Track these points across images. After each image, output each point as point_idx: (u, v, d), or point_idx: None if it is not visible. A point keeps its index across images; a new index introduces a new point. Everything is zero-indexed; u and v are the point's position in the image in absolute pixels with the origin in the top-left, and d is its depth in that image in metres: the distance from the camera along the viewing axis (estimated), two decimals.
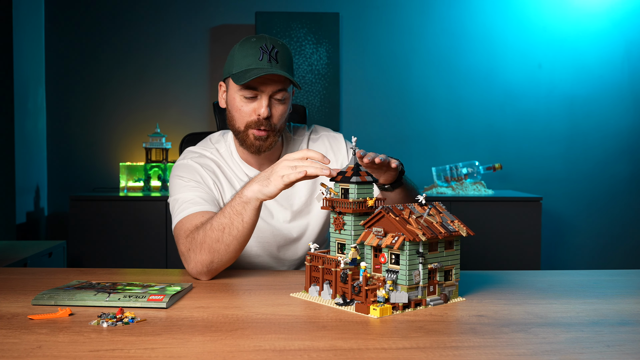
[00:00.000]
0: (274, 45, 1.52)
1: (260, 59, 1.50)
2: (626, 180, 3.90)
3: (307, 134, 1.77)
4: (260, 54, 1.50)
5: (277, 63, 1.51)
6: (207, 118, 3.83)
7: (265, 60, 1.50)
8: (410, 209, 1.22)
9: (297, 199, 1.69)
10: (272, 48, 1.51)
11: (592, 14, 3.85)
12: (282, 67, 1.52)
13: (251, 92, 1.53)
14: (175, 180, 1.62)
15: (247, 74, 1.49)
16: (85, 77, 3.83)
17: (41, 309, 1.17)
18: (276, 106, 1.56)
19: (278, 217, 1.67)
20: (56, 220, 3.85)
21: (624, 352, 0.95)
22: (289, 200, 1.68)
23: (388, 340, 0.99)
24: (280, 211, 1.67)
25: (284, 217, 1.67)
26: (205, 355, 0.92)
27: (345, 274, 1.21)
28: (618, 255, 3.91)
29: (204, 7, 3.81)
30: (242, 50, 1.54)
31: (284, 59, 1.53)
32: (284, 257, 1.69)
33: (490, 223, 3.32)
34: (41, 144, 3.79)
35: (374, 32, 3.85)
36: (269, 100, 1.54)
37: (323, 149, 1.75)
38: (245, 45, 1.54)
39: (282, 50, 1.53)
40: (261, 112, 1.52)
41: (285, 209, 1.67)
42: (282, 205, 1.67)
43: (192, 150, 1.70)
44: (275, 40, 1.54)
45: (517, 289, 1.38)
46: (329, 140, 1.77)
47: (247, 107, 1.55)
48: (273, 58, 1.51)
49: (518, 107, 3.87)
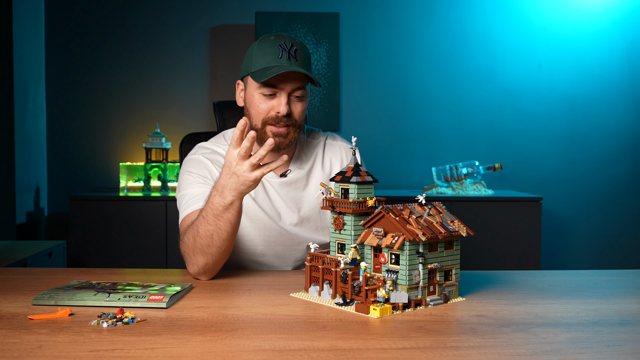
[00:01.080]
0: (292, 43, 1.53)
1: (279, 56, 1.50)
2: (626, 180, 3.90)
3: (323, 139, 1.76)
4: (280, 51, 1.51)
5: (296, 61, 1.51)
6: (207, 118, 3.83)
7: (285, 58, 1.50)
8: (410, 209, 1.22)
9: (306, 203, 1.68)
10: (291, 46, 1.52)
11: (592, 14, 3.85)
12: (301, 64, 1.52)
13: (270, 90, 1.53)
14: (184, 176, 1.62)
15: (267, 72, 1.50)
16: (85, 77, 3.83)
17: (41, 309, 1.17)
18: (295, 103, 1.56)
19: (285, 219, 1.66)
20: (56, 220, 3.85)
21: (624, 352, 0.95)
22: (298, 204, 1.67)
23: (388, 340, 0.99)
24: (288, 213, 1.66)
25: (291, 219, 1.66)
26: (205, 355, 0.92)
27: (345, 274, 1.21)
28: (618, 255, 3.91)
29: (204, 7, 3.81)
30: (261, 49, 1.54)
31: (303, 57, 1.54)
32: (289, 258, 1.69)
33: (490, 223, 3.32)
34: (41, 144, 3.79)
35: (374, 32, 3.85)
36: (288, 98, 1.54)
37: (338, 157, 1.74)
38: (265, 44, 1.54)
39: (300, 48, 1.54)
40: (281, 109, 1.52)
41: (293, 212, 1.67)
42: (291, 209, 1.67)
43: (204, 146, 1.69)
44: (294, 39, 1.55)
45: (517, 289, 1.38)
46: (345, 151, 1.75)
47: (265, 104, 1.55)
48: (292, 56, 1.51)
49: (518, 107, 3.87)
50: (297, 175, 1.67)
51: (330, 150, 1.74)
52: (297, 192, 1.67)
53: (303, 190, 1.68)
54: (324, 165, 1.72)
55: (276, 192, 1.66)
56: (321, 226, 1.70)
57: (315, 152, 1.72)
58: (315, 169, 1.71)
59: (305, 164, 1.70)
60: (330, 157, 1.73)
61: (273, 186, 1.66)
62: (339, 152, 1.75)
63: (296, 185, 1.67)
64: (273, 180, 1.66)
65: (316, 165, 1.71)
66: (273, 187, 1.66)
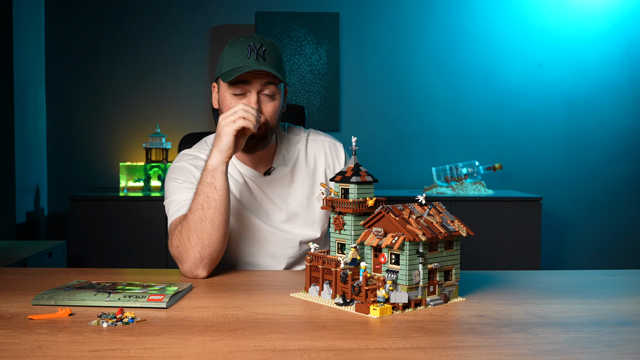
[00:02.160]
0: (261, 44, 1.54)
1: (247, 57, 1.52)
2: (626, 180, 3.90)
3: (305, 135, 1.77)
4: (248, 52, 1.53)
5: (264, 61, 1.53)
6: (207, 118, 3.83)
7: (253, 58, 1.52)
8: (410, 209, 1.22)
9: (293, 199, 1.69)
10: (260, 46, 1.54)
11: (592, 14, 3.85)
12: (269, 64, 1.54)
13: (240, 89, 1.55)
14: (170, 183, 1.64)
15: (234, 72, 1.52)
16: (85, 77, 3.83)
17: (41, 309, 1.17)
18: (266, 103, 1.57)
19: (274, 217, 1.68)
20: (56, 220, 3.85)
21: (624, 352, 0.95)
22: (285, 201, 1.69)
23: (388, 340, 0.99)
24: (276, 212, 1.68)
25: (279, 217, 1.68)
26: (205, 355, 0.92)
27: (345, 274, 1.21)
28: (618, 255, 3.91)
29: (204, 7, 3.81)
30: (230, 50, 1.56)
31: (272, 57, 1.55)
32: (281, 256, 1.69)
33: (490, 223, 3.32)
34: (41, 144, 3.79)
35: (374, 32, 3.85)
36: (258, 97, 1.55)
37: (322, 152, 1.75)
38: (234, 45, 1.56)
39: (270, 49, 1.55)
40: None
41: (280, 209, 1.68)
42: (278, 206, 1.68)
43: (187, 153, 1.71)
44: (264, 39, 1.57)
45: (517, 289, 1.38)
46: (329, 145, 1.77)
47: (236, 104, 1.55)
48: (260, 56, 1.53)
49: (518, 107, 3.87)
50: (281, 172, 1.69)
51: (314, 145, 1.76)
52: (283, 189, 1.69)
53: (289, 187, 1.70)
54: (308, 161, 1.73)
55: (261, 190, 1.68)
56: (310, 221, 1.71)
57: (297, 149, 1.74)
58: (299, 164, 1.72)
59: (288, 160, 1.71)
60: (314, 152, 1.74)
61: (258, 185, 1.67)
62: (322, 147, 1.76)
63: (281, 182, 1.69)
64: (257, 179, 1.67)
65: (299, 161, 1.72)
66: (258, 186, 1.67)
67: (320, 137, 1.78)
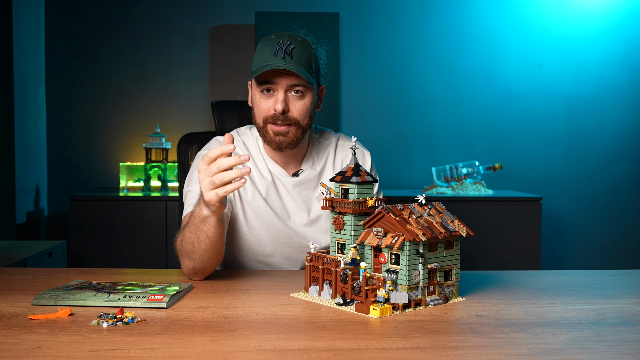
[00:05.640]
0: (290, 42, 1.53)
1: (274, 55, 1.51)
2: (626, 180, 3.90)
3: (335, 140, 1.75)
4: (276, 50, 1.51)
5: (291, 59, 1.51)
6: (207, 118, 3.83)
7: (280, 57, 1.51)
8: (410, 209, 1.22)
9: (317, 204, 1.67)
10: (288, 44, 1.52)
11: (592, 14, 3.85)
12: (296, 62, 1.52)
13: (267, 88, 1.54)
14: (194, 171, 1.62)
15: (259, 70, 1.51)
16: (85, 77, 3.83)
17: (41, 309, 1.17)
18: (294, 101, 1.55)
19: (295, 219, 1.65)
20: (56, 220, 3.85)
21: (624, 352, 0.95)
22: (308, 204, 1.66)
23: (388, 340, 0.99)
24: (298, 214, 1.65)
25: (301, 220, 1.65)
26: (205, 355, 0.92)
27: (345, 274, 1.21)
28: (618, 255, 3.91)
29: (204, 7, 3.81)
30: (261, 48, 1.55)
31: (300, 55, 1.53)
32: (296, 259, 1.67)
33: (490, 223, 3.32)
34: (41, 144, 3.79)
35: (374, 32, 3.85)
36: (285, 95, 1.54)
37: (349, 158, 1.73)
38: (265, 43, 1.55)
39: (299, 47, 1.53)
40: (277, 107, 1.53)
41: (303, 212, 1.66)
42: (301, 209, 1.66)
43: (219, 140, 1.68)
44: (295, 37, 1.55)
45: (517, 289, 1.38)
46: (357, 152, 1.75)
47: (265, 103, 1.55)
48: (287, 54, 1.51)
49: (518, 107, 3.87)
50: (309, 175, 1.67)
51: (342, 151, 1.74)
52: (308, 192, 1.66)
53: (314, 190, 1.67)
54: (335, 166, 1.71)
55: (287, 191, 1.65)
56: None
57: (327, 152, 1.72)
58: (327, 169, 1.70)
59: (317, 164, 1.69)
60: (342, 158, 1.72)
61: (285, 185, 1.65)
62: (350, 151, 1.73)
63: (307, 185, 1.66)
64: (285, 179, 1.65)
65: (328, 166, 1.70)
66: (284, 187, 1.65)
67: (348, 143, 1.76)
